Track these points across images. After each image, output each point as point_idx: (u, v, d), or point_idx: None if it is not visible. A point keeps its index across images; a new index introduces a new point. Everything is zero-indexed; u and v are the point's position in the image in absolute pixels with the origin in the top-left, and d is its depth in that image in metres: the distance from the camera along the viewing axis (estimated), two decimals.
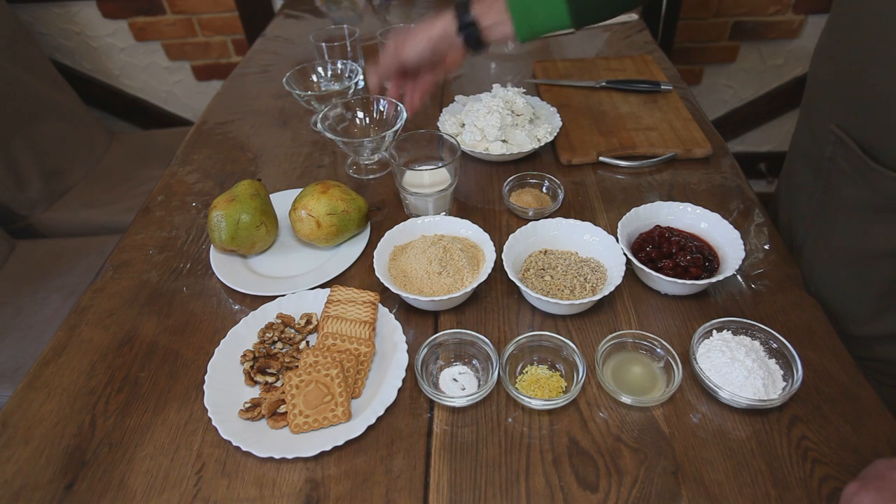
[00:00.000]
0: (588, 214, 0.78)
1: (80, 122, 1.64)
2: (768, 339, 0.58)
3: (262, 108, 1.07)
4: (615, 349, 0.60)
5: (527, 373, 0.58)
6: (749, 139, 2.05)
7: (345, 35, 1.07)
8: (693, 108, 0.96)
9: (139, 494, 0.51)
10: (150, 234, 0.80)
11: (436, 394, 0.55)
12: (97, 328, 0.66)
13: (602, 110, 0.96)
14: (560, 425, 0.54)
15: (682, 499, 0.48)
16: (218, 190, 0.87)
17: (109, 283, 0.72)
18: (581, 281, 0.64)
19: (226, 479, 0.52)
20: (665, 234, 0.68)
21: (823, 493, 0.48)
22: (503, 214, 0.79)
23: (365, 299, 0.64)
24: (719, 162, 0.86)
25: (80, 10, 1.80)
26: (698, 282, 0.62)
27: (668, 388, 0.55)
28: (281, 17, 1.48)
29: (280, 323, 0.64)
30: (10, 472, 0.53)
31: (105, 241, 1.36)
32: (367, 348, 0.60)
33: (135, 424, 0.56)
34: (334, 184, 0.73)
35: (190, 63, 1.94)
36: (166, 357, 0.63)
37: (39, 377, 0.61)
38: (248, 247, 0.71)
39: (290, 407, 0.55)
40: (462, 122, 0.91)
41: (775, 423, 0.53)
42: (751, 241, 0.72)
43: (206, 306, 0.68)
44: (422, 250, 0.67)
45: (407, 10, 1.46)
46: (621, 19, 1.33)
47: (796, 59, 1.83)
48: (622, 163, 0.85)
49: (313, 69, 0.98)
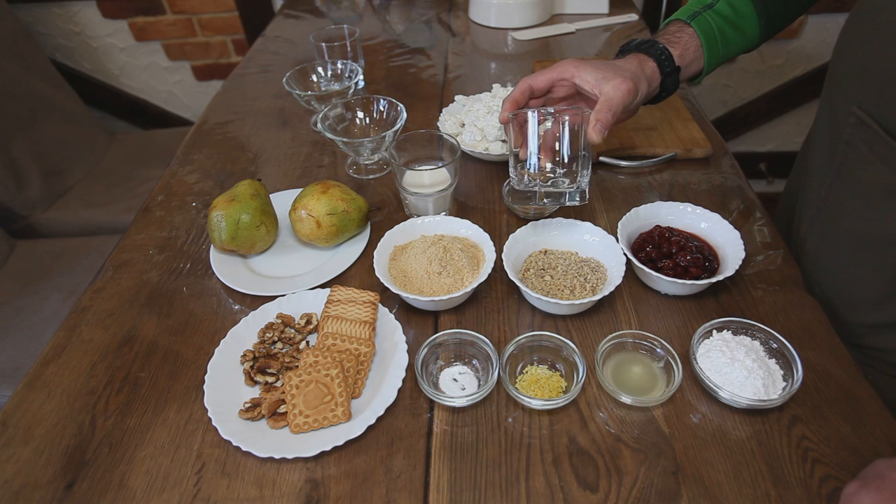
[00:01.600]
0: (588, 214, 0.78)
1: (80, 122, 1.64)
2: (768, 339, 0.58)
3: (262, 108, 1.07)
4: (615, 349, 0.60)
5: (527, 373, 0.58)
6: (749, 139, 2.05)
7: (345, 35, 1.07)
8: (693, 108, 0.96)
9: (139, 494, 0.51)
10: (150, 234, 0.80)
11: (436, 394, 0.55)
12: (97, 328, 0.66)
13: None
14: (560, 425, 0.54)
15: (682, 499, 0.48)
16: (218, 190, 0.87)
17: (109, 283, 0.72)
18: (581, 281, 0.64)
19: (226, 479, 0.52)
20: (665, 234, 0.68)
21: (823, 493, 0.48)
22: (503, 214, 0.79)
23: (365, 299, 0.64)
24: (719, 162, 0.86)
25: (80, 10, 1.80)
26: (698, 282, 0.62)
27: (668, 389, 0.55)
28: (281, 17, 1.48)
29: (280, 323, 0.64)
30: (10, 472, 0.53)
31: (105, 241, 1.36)
32: (367, 348, 0.60)
33: (135, 424, 0.56)
34: (334, 184, 0.73)
35: (190, 63, 1.94)
36: (166, 357, 0.63)
37: (39, 377, 0.61)
38: (248, 247, 0.71)
39: (290, 407, 0.55)
40: (462, 122, 0.91)
41: (775, 423, 0.53)
42: (751, 241, 0.72)
43: (206, 306, 0.68)
44: (422, 250, 0.67)
45: (407, 10, 1.46)
46: (621, 19, 1.33)
47: (796, 59, 1.83)
48: (622, 163, 0.85)
49: (313, 69, 0.98)
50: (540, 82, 0.70)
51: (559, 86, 0.71)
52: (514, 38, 1.28)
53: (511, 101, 0.69)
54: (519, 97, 0.69)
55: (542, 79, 0.70)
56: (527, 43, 1.26)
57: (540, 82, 0.70)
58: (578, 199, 0.64)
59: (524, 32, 1.30)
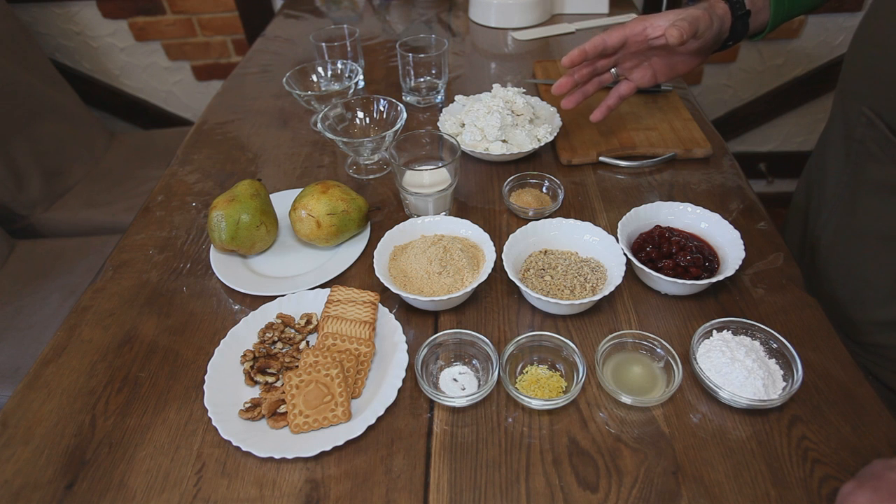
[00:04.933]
0: (588, 214, 0.78)
1: (80, 122, 1.64)
2: (768, 339, 0.58)
3: (262, 108, 1.07)
4: (615, 349, 0.60)
5: (527, 373, 0.58)
6: (749, 139, 2.05)
7: (345, 35, 1.07)
8: (693, 108, 0.96)
9: (139, 494, 0.51)
10: (150, 234, 0.80)
11: (436, 394, 0.55)
12: (97, 328, 0.66)
13: (587, 99, 0.95)
14: (560, 425, 0.54)
15: (682, 499, 0.48)
16: (218, 190, 0.87)
17: (109, 283, 0.72)
18: (581, 281, 0.64)
19: (226, 479, 0.52)
20: (665, 234, 0.68)
21: (823, 493, 0.48)
22: (503, 214, 0.79)
23: (365, 299, 0.64)
24: (719, 162, 0.86)
25: (80, 10, 1.80)
26: (698, 282, 0.62)
27: (668, 389, 0.55)
28: (281, 17, 1.48)
29: (280, 323, 0.64)
30: (10, 472, 0.53)
31: (105, 241, 1.36)
32: (367, 348, 0.60)
33: (135, 424, 0.56)
34: (334, 184, 0.73)
35: (190, 63, 1.94)
36: (166, 357, 0.63)
37: (39, 377, 0.61)
38: (248, 247, 0.71)
39: (290, 407, 0.55)
40: (462, 122, 0.91)
41: (775, 423, 0.53)
42: (751, 241, 0.72)
43: (206, 306, 0.68)
44: (422, 250, 0.67)
45: (407, 10, 1.46)
46: (621, 19, 1.33)
47: (796, 59, 1.83)
48: (622, 163, 0.85)
49: (313, 69, 0.98)
50: (613, 38, 0.71)
51: (632, 42, 0.72)
52: (514, 38, 1.28)
53: (581, 50, 0.69)
54: (590, 50, 0.70)
55: (615, 35, 0.71)
56: (527, 43, 1.26)
57: (613, 38, 0.71)
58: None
59: (524, 32, 1.30)
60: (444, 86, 1.04)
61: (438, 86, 1.03)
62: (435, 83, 1.03)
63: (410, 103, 1.04)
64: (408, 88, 1.03)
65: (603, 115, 0.80)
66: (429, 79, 1.03)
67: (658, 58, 0.76)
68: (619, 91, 0.79)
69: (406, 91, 1.04)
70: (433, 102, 1.04)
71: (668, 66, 0.77)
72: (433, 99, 1.04)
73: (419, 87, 1.04)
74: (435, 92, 1.04)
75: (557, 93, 0.77)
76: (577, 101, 0.79)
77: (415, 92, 1.04)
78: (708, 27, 0.68)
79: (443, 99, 1.04)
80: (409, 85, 1.02)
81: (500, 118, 0.84)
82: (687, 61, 0.75)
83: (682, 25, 0.65)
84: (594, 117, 0.81)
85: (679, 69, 0.77)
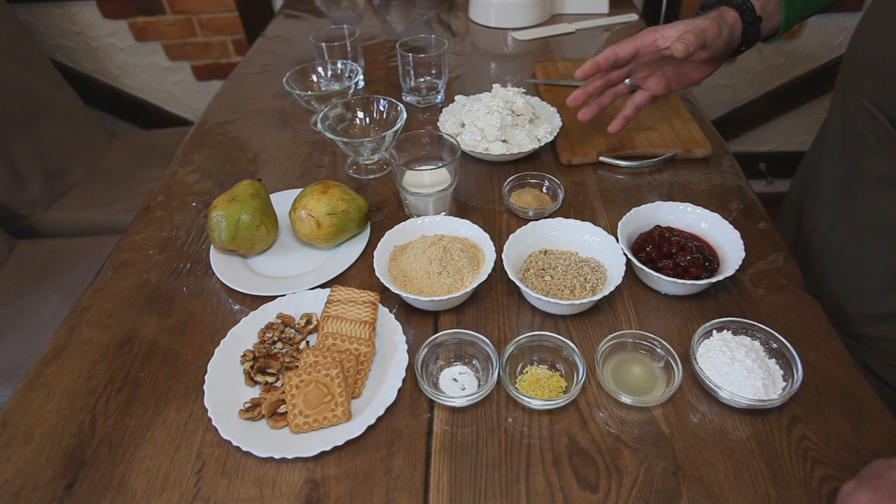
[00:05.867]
0: (588, 214, 0.78)
1: (80, 122, 1.64)
2: (768, 339, 0.58)
3: (262, 108, 1.07)
4: (615, 349, 0.60)
5: (527, 373, 0.58)
6: (749, 139, 2.05)
7: (345, 35, 1.07)
8: (693, 108, 0.96)
9: (139, 494, 0.51)
10: (150, 234, 0.80)
11: (436, 394, 0.55)
12: (97, 328, 0.66)
13: (602, 110, 0.96)
14: (560, 425, 0.54)
15: (682, 499, 0.48)
16: (218, 190, 0.87)
17: (109, 283, 0.72)
18: (581, 281, 0.64)
19: (226, 479, 0.52)
20: (665, 234, 0.68)
21: (823, 493, 0.48)
22: (503, 214, 0.79)
23: (365, 299, 0.64)
24: (719, 162, 0.86)
25: (80, 10, 1.80)
26: (698, 282, 0.62)
27: (668, 389, 0.55)
28: (281, 17, 1.48)
29: (280, 323, 0.64)
30: (10, 472, 0.53)
31: (105, 241, 1.36)
32: (367, 348, 0.60)
33: (135, 424, 0.56)
34: (334, 184, 0.74)
35: (190, 63, 1.94)
36: (166, 357, 0.63)
37: (39, 377, 0.61)
38: (248, 247, 0.71)
39: (290, 407, 0.55)
40: (462, 122, 0.91)
41: (775, 423, 0.53)
42: (751, 241, 0.72)
43: (206, 306, 0.68)
44: (422, 250, 0.67)
45: (407, 10, 1.46)
46: (621, 19, 1.33)
47: (796, 59, 1.83)
48: (622, 163, 0.85)
49: (313, 69, 0.98)
50: (625, 50, 0.71)
51: (643, 52, 0.72)
52: (514, 38, 1.28)
53: (594, 62, 0.70)
54: (603, 62, 0.70)
55: (627, 46, 0.71)
56: (527, 43, 1.26)
57: (625, 50, 0.71)
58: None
59: (524, 32, 1.30)
60: (444, 86, 1.04)
61: (438, 86, 1.03)
62: (435, 83, 1.03)
63: (410, 103, 1.04)
64: (408, 88, 1.03)
65: (620, 125, 0.80)
66: (429, 79, 1.03)
67: (671, 67, 0.76)
68: (634, 101, 0.79)
69: (406, 91, 1.04)
70: (433, 102, 1.04)
71: (681, 75, 0.77)
72: (433, 99, 1.04)
73: (419, 87, 1.04)
74: (435, 92, 1.04)
75: (573, 104, 0.77)
76: (593, 112, 0.79)
77: (415, 92, 1.04)
78: (716, 37, 0.68)
79: (443, 99, 1.04)
80: (409, 85, 1.02)
81: (500, 118, 0.84)
82: (700, 69, 0.75)
83: (688, 38, 0.65)
84: (612, 128, 0.81)
85: (692, 77, 0.77)
